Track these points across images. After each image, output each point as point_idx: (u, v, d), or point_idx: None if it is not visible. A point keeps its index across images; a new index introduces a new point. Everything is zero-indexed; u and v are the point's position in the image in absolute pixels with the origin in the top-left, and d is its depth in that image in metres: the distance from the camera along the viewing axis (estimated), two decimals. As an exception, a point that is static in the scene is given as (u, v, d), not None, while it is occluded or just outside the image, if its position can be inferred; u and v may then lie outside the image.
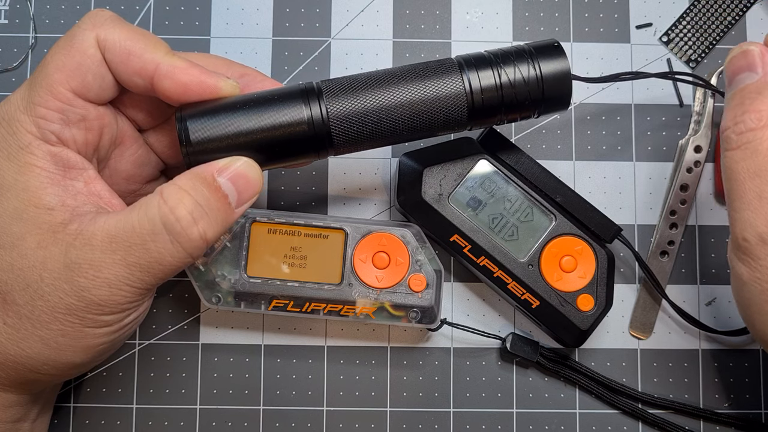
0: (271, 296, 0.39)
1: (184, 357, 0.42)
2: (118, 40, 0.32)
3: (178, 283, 0.42)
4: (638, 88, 0.44)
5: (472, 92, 0.34)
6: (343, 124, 0.33)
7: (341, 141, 0.34)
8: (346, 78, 0.34)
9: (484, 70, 0.34)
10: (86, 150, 0.33)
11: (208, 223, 0.31)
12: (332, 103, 0.33)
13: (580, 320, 0.39)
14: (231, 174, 0.32)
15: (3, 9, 0.44)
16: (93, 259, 0.30)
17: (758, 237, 0.32)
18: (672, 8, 0.45)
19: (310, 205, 0.43)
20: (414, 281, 0.39)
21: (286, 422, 0.42)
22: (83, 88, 0.32)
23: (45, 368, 0.32)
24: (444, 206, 0.39)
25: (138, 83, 0.33)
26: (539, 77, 0.34)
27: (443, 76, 0.34)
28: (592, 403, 0.42)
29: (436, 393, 0.42)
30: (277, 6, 0.44)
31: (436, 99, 0.34)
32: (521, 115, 0.35)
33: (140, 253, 0.30)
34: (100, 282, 0.30)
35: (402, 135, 0.34)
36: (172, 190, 0.31)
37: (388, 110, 0.33)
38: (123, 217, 0.31)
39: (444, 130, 0.35)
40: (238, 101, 0.33)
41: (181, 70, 0.32)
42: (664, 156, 0.44)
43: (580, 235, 0.39)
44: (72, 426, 0.41)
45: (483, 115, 0.35)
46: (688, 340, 0.43)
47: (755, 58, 0.33)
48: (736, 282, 0.34)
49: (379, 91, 0.33)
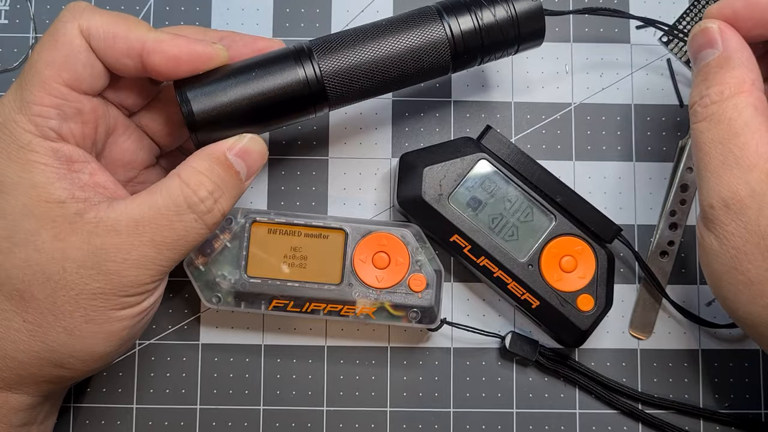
0: (271, 296, 0.39)
1: (184, 357, 0.42)
2: (101, 25, 0.32)
3: (178, 283, 0.42)
4: (638, 88, 0.44)
5: (453, 37, 0.36)
6: (337, 80, 0.35)
7: (336, 96, 0.35)
8: (334, 35, 0.36)
9: (463, 16, 0.36)
10: (85, 143, 0.33)
11: (225, 199, 0.34)
12: (324, 61, 0.35)
13: (580, 320, 0.39)
14: (239, 151, 0.34)
15: (3, 9, 0.44)
16: (120, 243, 0.31)
17: (722, 202, 0.32)
18: (672, 8, 0.45)
19: (310, 205, 0.43)
20: (414, 281, 0.39)
21: (286, 422, 0.42)
22: (75, 80, 0.32)
23: (70, 361, 0.33)
24: (444, 206, 0.39)
25: (128, 64, 0.33)
26: (514, 16, 0.36)
27: (425, 25, 0.35)
28: (591, 403, 0.42)
29: (436, 393, 0.42)
30: (277, 6, 0.44)
31: (421, 47, 0.35)
32: (500, 54, 0.37)
33: (167, 232, 0.32)
34: (130, 264, 0.32)
35: (392, 85, 0.36)
36: (190, 172, 0.33)
37: (377, 63, 0.35)
38: (145, 201, 0.32)
39: (431, 76, 0.37)
40: (233, 70, 0.34)
41: (168, 43, 0.33)
42: (664, 156, 0.44)
43: (580, 235, 0.39)
44: (72, 426, 0.41)
45: (465, 58, 0.37)
46: (688, 340, 0.43)
47: (714, 35, 0.34)
48: (706, 254, 0.34)
49: (367, 45, 0.35)
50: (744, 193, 0.32)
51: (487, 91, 0.44)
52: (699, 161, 0.34)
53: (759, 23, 0.34)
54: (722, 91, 0.33)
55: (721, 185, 0.32)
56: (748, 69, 0.33)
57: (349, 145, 0.44)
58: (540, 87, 0.44)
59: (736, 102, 0.33)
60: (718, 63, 0.34)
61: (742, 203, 0.32)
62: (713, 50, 0.34)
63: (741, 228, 0.32)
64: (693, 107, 0.34)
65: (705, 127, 0.33)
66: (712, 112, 0.33)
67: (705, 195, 0.33)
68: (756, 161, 0.32)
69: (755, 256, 0.32)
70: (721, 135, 0.33)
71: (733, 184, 0.32)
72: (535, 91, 0.44)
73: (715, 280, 0.34)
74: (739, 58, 0.33)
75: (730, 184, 0.32)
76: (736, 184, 0.32)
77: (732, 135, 0.32)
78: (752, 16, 0.34)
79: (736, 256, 0.32)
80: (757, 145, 0.32)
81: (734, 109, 0.33)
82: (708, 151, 0.33)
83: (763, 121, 0.32)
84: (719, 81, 0.33)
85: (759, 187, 0.32)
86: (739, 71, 0.33)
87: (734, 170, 0.32)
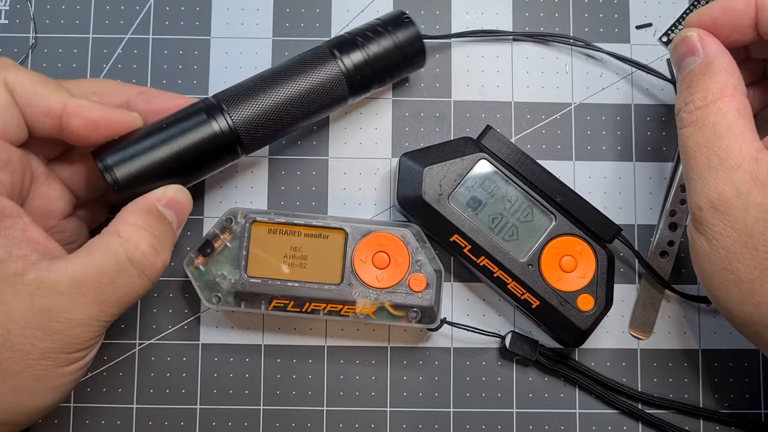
0: (272, 296, 0.39)
1: (184, 357, 0.42)
2: (26, 81, 0.33)
3: (178, 283, 0.42)
4: (638, 88, 0.44)
5: (347, 72, 0.38)
6: (249, 127, 0.37)
7: (251, 142, 0.38)
8: (238, 86, 0.38)
9: (353, 52, 0.39)
10: (13, 193, 0.33)
11: (166, 250, 0.35)
12: (234, 112, 0.37)
13: (580, 320, 0.39)
14: (168, 201, 0.35)
15: (3, 9, 0.44)
16: (63, 303, 0.31)
17: (709, 204, 0.33)
18: (672, 8, 0.45)
19: (310, 205, 0.43)
20: (414, 281, 0.39)
21: (286, 422, 0.42)
22: (4, 130, 0.32)
23: (15, 417, 0.32)
24: (444, 206, 0.39)
25: (45, 123, 0.33)
26: (399, 45, 0.39)
27: (322, 65, 0.38)
28: (591, 403, 0.42)
29: (436, 393, 0.42)
30: (277, 6, 0.44)
31: (321, 85, 0.38)
32: (391, 78, 0.41)
33: (111, 290, 0.32)
34: (75, 323, 0.32)
35: (299, 122, 0.39)
36: (129, 228, 0.33)
37: (283, 105, 0.38)
38: (87, 261, 0.32)
39: (333, 108, 0.40)
40: (150, 131, 0.36)
41: (89, 108, 0.34)
42: (664, 156, 0.44)
43: (580, 235, 0.39)
44: (72, 426, 0.41)
45: (361, 88, 0.40)
46: (688, 340, 0.43)
47: (695, 43, 0.35)
48: (697, 256, 0.35)
49: (271, 91, 0.38)
50: (729, 193, 0.33)
51: (487, 91, 0.44)
52: (686, 165, 0.35)
53: (736, 28, 0.35)
54: (705, 97, 0.34)
55: (707, 187, 0.33)
56: (729, 74, 0.34)
57: (349, 145, 0.44)
58: (540, 87, 0.44)
59: (719, 106, 0.34)
60: (700, 70, 0.35)
61: (728, 204, 0.33)
62: (695, 58, 0.35)
63: (728, 228, 0.33)
64: (679, 113, 0.35)
65: (690, 132, 0.34)
66: (696, 117, 0.34)
67: (693, 197, 0.34)
68: (740, 162, 0.32)
69: (744, 255, 0.33)
70: (706, 138, 0.33)
71: (718, 185, 0.33)
72: (535, 91, 0.44)
73: (707, 280, 0.35)
74: (720, 63, 0.34)
75: (716, 185, 0.33)
76: (721, 186, 0.33)
77: (716, 138, 0.33)
78: (729, 22, 0.35)
79: (725, 256, 0.33)
80: (741, 147, 0.33)
81: (718, 113, 0.33)
82: (694, 155, 0.34)
83: (746, 124, 0.33)
84: (702, 87, 0.34)
85: (743, 187, 0.32)
86: (721, 77, 0.34)
87: (719, 172, 0.33)
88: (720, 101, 0.34)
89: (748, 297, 0.33)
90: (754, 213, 0.32)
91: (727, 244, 0.33)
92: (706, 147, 0.33)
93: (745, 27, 0.35)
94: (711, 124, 0.33)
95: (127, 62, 0.44)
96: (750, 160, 0.32)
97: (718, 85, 0.34)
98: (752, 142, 0.33)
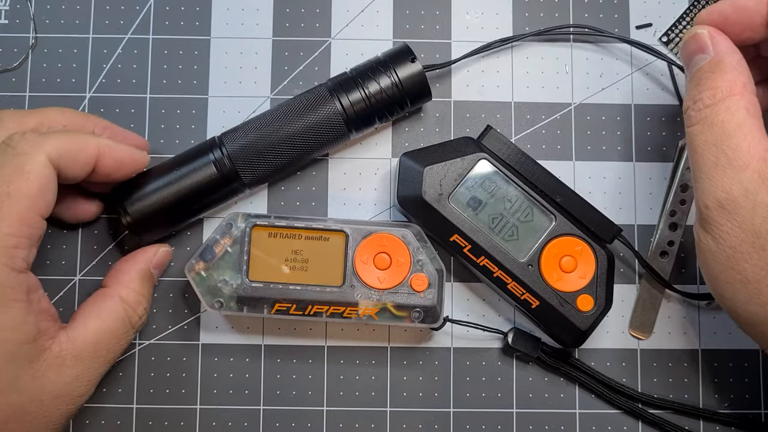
0: (274, 300, 0.39)
1: (184, 357, 0.42)
2: (63, 146, 0.34)
3: (178, 284, 0.42)
4: (638, 88, 0.44)
5: (345, 111, 0.39)
6: (248, 166, 0.39)
7: (251, 180, 0.40)
8: (241, 127, 0.40)
9: (352, 91, 0.40)
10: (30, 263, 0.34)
11: (149, 307, 0.39)
12: (234, 153, 0.39)
13: (580, 320, 0.39)
14: (156, 263, 0.40)
15: (3, 9, 0.44)
16: (85, 368, 0.35)
17: (717, 203, 0.33)
18: (672, 8, 0.45)
19: (310, 205, 0.43)
20: (416, 281, 0.39)
21: (286, 422, 0.42)
22: (47, 208, 0.34)
23: None
24: (444, 206, 0.39)
25: (84, 171, 0.35)
26: (397, 83, 0.40)
27: (320, 105, 0.40)
28: (592, 403, 0.42)
29: (436, 393, 0.42)
30: (277, 6, 0.44)
31: (318, 124, 0.40)
32: (392, 115, 0.41)
33: (118, 349, 0.37)
34: (92, 384, 0.36)
35: (299, 160, 0.41)
36: (129, 293, 0.37)
37: (282, 144, 0.39)
38: (98, 326, 0.36)
39: (332, 146, 0.41)
40: (160, 174, 0.39)
41: (116, 149, 0.36)
42: (664, 156, 0.44)
43: (580, 236, 0.39)
44: (72, 426, 0.41)
45: (360, 125, 0.40)
46: (687, 340, 0.43)
47: (705, 40, 0.35)
48: (703, 255, 0.35)
49: (270, 131, 0.39)
50: (737, 192, 0.32)
51: (487, 91, 0.44)
52: (694, 163, 0.34)
53: (747, 26, 0.35)
54: (714, 95, 0.34)
55: (715, 186, 0.33)
56: (739, 72, 0.34)
57: (349, 145, 0.44)
58: (540, 87, 0.44)
59: (728, 104, 0.33)
60: (709, 67, 0.34)
61: (736, 203, 0.32)
62: (705, 55, 0.35)
63: (736, 227, 0.33)
64: (687, 111, 0.35)
65: (699, 130, 0.34)
66: (705, 115, 0.34)
67: (700, 196, 0.34)
68: (748, 161, 0.32)
69: (751, 254, 0.32)
70: (714, 137, 0.33)
71: (726, 184, 0.33)
72: (535, 91, 0.44)
73: (713, 280, 0.34)
74: (730, 61, 0.34)
75: (724, 184, 0.33)
76: (729, 185, 0.33)
77: (725, 137, 0.33)
78: (740, 20, 0.35)
79: (732, 255, 0.33)
80: (749, 146, 0.32)
81: (726, 112, 0.33)
82: (702, 153, 0.34)
83: (754, 123, 0.33)
84: (711, 85, 0.34)
85: (752, 186, 0.32)
86: (731, 74, 0.34)
87: (727, 171, 0.33)
88: (729, 99, 0.33)
89: (754, 297, 0.33)
90: (762, 213, 0.32)
91: (734, 243, 0.33)
92: (714, 145, 0.33)
93: (757, 25, 0.35)
94: (719, 123, 0.33)
95: (127, 62, 0.44)
96: (759, 160, 0.32)
97: (727, 83, 0.34)
98: (761, 141, 0.33)
